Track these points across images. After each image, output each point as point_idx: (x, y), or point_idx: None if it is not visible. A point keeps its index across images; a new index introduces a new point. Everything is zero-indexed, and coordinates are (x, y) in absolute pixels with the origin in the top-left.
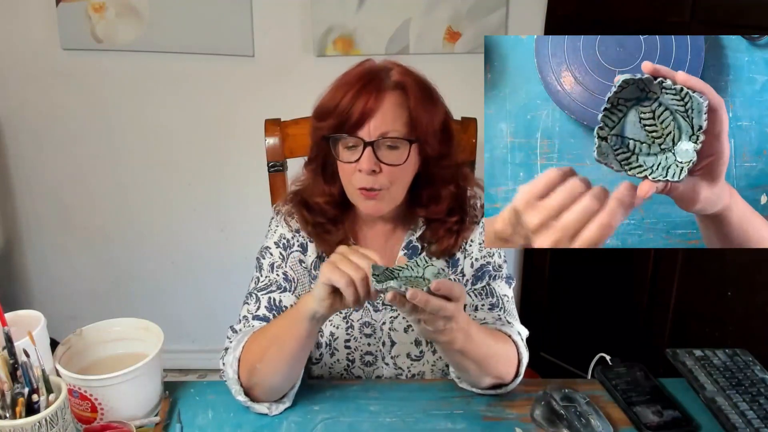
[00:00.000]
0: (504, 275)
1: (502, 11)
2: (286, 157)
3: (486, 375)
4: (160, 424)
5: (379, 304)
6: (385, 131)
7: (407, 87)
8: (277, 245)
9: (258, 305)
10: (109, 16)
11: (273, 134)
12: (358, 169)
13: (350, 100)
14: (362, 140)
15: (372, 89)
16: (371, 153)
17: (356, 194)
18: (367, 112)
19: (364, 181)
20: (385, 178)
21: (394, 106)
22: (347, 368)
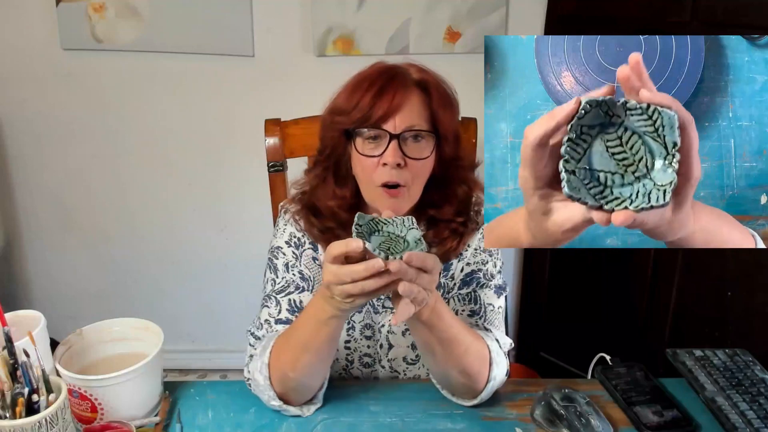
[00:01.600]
0: (495, 284)
1: (502, 11)
2: (286, 157)
3: (452, 364)
4: (160, 424)
5: (379, 306)
6: (410, 125)
7: (429, 85)
8: (289, 244)
9: (279, 308)
10: (109, 16)
11: (273, 134)
12: (383, 162)
13: (373, 98)
14: (388, 132)
15: (396, 86)
16: (396, 146)
17: (378, 192)
18: (394, 108)
19: (388, 175)
20: (408, 173)
21: (417, 103)
22: (346, 368)
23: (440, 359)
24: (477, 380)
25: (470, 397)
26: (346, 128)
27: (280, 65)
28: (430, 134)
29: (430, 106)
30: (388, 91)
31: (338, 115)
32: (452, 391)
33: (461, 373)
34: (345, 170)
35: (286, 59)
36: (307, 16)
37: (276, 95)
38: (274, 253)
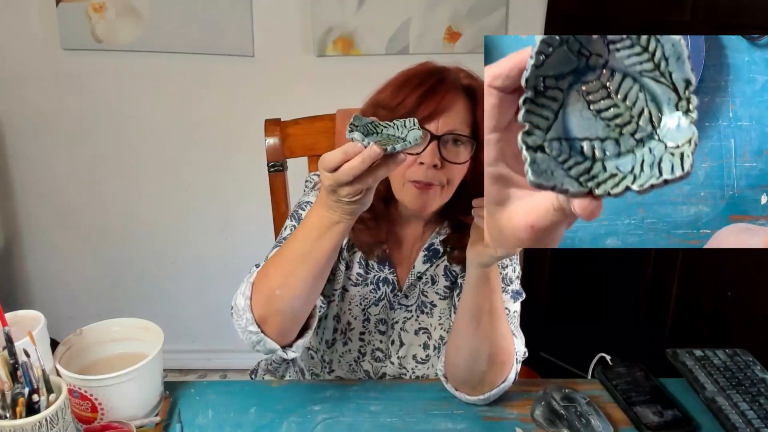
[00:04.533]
0: (512, 290)
1: (502, 11)
2: (286, 157)
3: (492, 340)
4: (160, 424)
5: (395, 302)
6: (453, 128)
7: (477, 92)
8: None
9: None
10: (109, 16)
11: (273, 134)
12: (420, 161)
13: (420, 96)
14: (430, 133)
15: (446, 88)
16: (436, 147)
17: (407, 187)
18: (440, 110)
19: (422, 174)
20: (443, 175)
21: (462, 108)
22: (357, 360)
23: (484, 330)
24: (500, 371)
25: (478, 392)
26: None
27: (280, 65)
28: (470, 140)
29: (474, 113)
30: (437, 92)
31: (382, 108)
32: (467, 380)
33: (491, 355)
34: None
35: (286, 59)
36: (307, 16)
37: (276, 95)
38: (302, 206)
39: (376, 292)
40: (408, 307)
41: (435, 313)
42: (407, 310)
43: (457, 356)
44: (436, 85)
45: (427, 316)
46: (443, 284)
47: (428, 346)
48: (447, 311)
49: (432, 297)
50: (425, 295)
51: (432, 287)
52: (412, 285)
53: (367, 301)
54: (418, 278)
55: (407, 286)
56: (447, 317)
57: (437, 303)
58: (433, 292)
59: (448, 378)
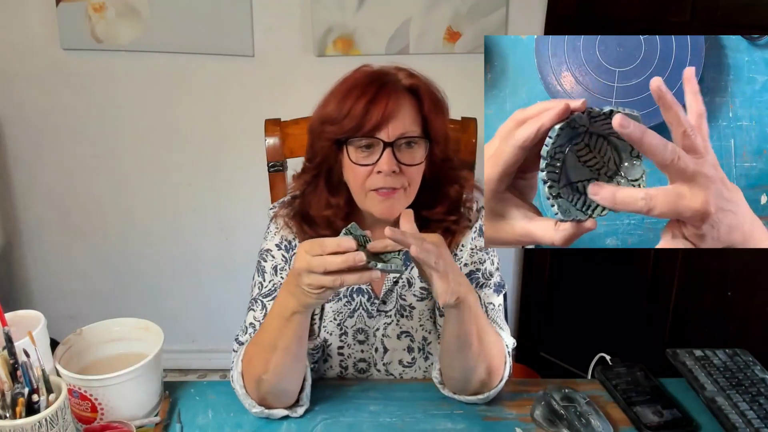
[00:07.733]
0: (493, 283)
1: (502, 11)
2: (286, 157)
3: (483, 357)
4: (160, 424)
5: (373, 310)
6: (403, 132)
7: (420, 90)
8: (279, 247)
9: (264, 312)
10: (109, 16)
11: (273, 134)
12: (377, 170)
13: (365, 105)
14: (382, 141)
15: (388, 93)
16: (391, 154)
17: (370, 196)
18: (387, 116)
19: (383, 182)
20: (403, 178)
21: (409, 109)
22: (340, 375)
23: (475, 351)
24: (496, 376)
25: (477, 395)
26: (338, 138)
27: (280, 65)
28: (422, 139)
29: (422, 112)
30: (380, 99)
31: (329, 124)
32: (465, 388)
33: (487, 368)
34: (337, 178)
35: (286, 59)
36: (307, 16)
37: (276, 95)
38: (263, 256)
39: (350, 304)
40: (387, 312)
41: (415, 315)
42: (387, 316)
43: (452, 371)
44: (379, 92)
45: (407, 319)
46: (419, 285)
47: (412, 349)
48: (426, 312)
49: (410, 300)
50: (404, 299)
51: (409, 290)
52: (389, 290)
53: (342, 315)
54: (395, 283)
55: (384, 293)
56: (427, 318)
57: (416, 305)
58: (411, 295)
59: (444, 385)
